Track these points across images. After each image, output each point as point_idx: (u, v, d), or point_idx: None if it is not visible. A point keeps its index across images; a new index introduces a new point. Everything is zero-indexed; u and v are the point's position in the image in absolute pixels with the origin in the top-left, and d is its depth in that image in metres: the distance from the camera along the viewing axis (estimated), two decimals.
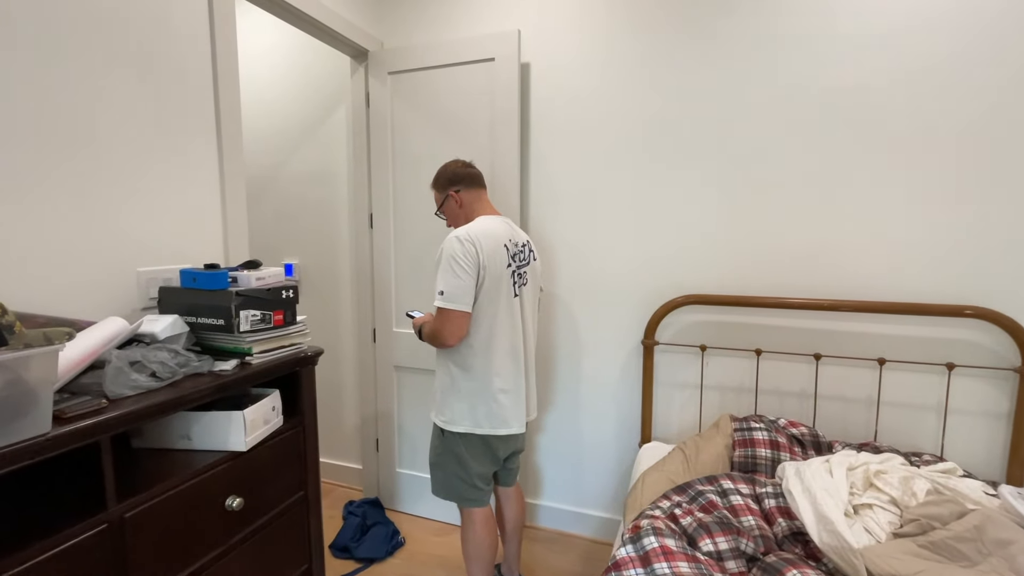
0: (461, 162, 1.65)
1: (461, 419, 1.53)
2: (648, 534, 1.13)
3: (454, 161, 1.66)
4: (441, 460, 1.59)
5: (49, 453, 0.79)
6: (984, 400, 1.63)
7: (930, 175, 1.61)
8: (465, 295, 1.43)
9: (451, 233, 1.48)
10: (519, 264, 1.57)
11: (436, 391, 1.60)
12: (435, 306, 1.46)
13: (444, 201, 1.64)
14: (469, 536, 1.61)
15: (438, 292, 1.44)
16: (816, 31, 1.68)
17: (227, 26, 1.48)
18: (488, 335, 1.50)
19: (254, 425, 1.16)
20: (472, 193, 1.62)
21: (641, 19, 1.87)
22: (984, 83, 1.54)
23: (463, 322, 1.45)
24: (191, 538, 1.03)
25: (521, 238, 1.62)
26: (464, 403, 1.52)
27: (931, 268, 1.64)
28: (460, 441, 1.54)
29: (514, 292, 1.54)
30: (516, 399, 1.56)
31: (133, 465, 1.05)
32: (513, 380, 1.55)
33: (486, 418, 1.52)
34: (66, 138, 1.12)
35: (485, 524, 1.61)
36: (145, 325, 1.11)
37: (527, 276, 1.60)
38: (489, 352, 1.50)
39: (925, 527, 1.11)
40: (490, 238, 1.48)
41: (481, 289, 1.47)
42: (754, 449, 1.55)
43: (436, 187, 1.66)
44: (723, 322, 1.88)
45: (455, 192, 1.61)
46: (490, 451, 1.56)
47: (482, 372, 1.51)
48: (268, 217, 2.58)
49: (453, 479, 1.58)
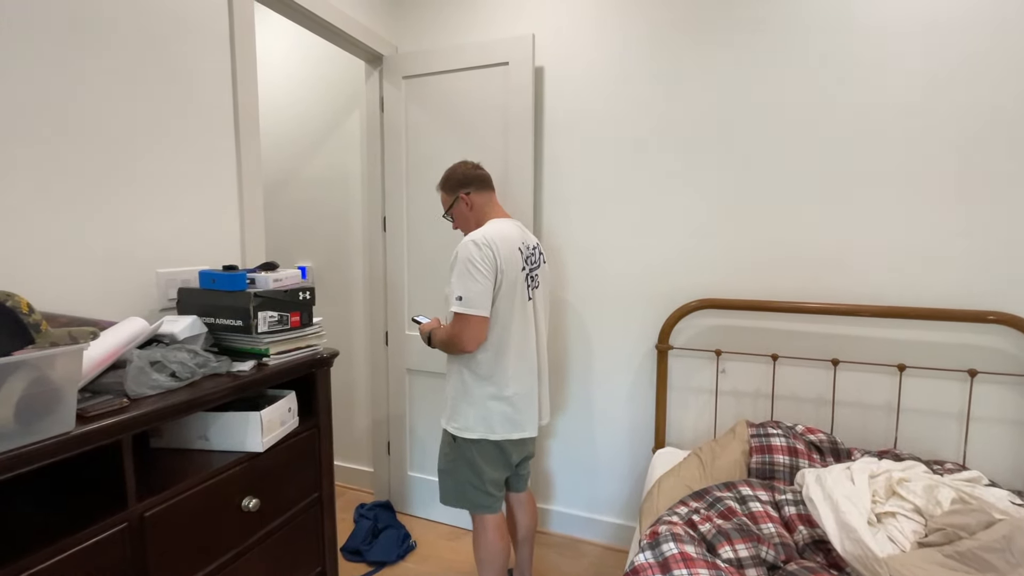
0: (471, 163, 1.63)
1: (475, 425, 1.50)
2: (667, 540, 1.11)
3: (463, 163, 1.63)
4: (452, 467, 1.56)
5: (72, 451, 0.79)
6: (1008, 407, 1.59)
7: (949, 178, 1.59)
8: (484, 300, 1.42)
9: (467, 237, 1.46)
10: (532, 267, 1.56)
11: (448, 397, 1.56)
12: (452, 311, 1.43)
13: (453, 203, 1.60)
14: (481, 543, 1.59)
15: (455, 297, 1.41)
16: (831, 39, 1.66)
17: (246, 31, 1.49)
18: (502, 339, 1.48)
19: (271, 426, 1.16)
20: (483, 195, 1.60)
21: (654, 23, 1.87)
22: (1000, 84, 1.52)
23: (483, 327, 1.44)
24: (208, 538, 1.04)
25: (532, 241, 1.61)
26: (478, 409, 1.50)
27: (952, 272, 1.61)
28: (473, 447, 1.52)
29: (528, 295, 1.53)
30: (530, 403, 1.54)
31: (152, 465, 1.06)
32: (527, 384, 1.53)
33: (500, 423, 1.50)
34: (88, 140, 1.14)
35: (497, 530, 1.59)
36: (165, 325, 1.11)
37: (539, 279, 1.60)
38: (503, 356, 1.49)
39: (951, 536, 1.08)
40: (506, 241, 1.47)
41: (498, 293, 1.45)
42: (772, 455, 1.52)
43: (445, 189, 1.62)
44: (738, 327, 1.86)
45: (465, 195, 1.58)
46: (504, 456, 1.55)
47: (497, 377, 1.49)
48: (283, 220, 2.60)
49: (465, 486, 1.55)
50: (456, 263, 1.43)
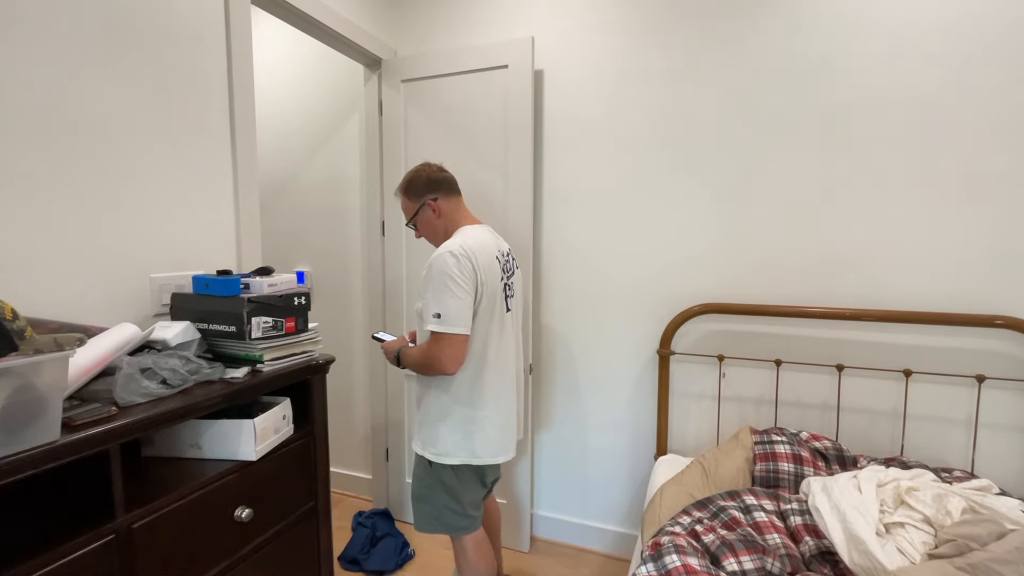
0: (435, 166, 1.51)
1: (455, 450, 1.39)
2: (670, 552, 1.09)
3: (426, 165, 1.51)
4: (428, 493, 1.46)
5: (57, 461, 0.77)
6: (1017, 414, 1.56)
7: (955, 179, 1.57)
8: (465, 316, 1.31)
9: (442, 247, 1.34)
10: (508, 276, 1.48)
11: (420, 421, 1.46)
12: (429, 330, 1.32)
13: (419, 211, 1.48)
14: (464, 564, 1.52)
15: (433, 315, 1.30)
16: (832, 39, 1.65)
17: (243, 34, 1.48)
18: (482, 357, 1.38)
19: (264, 434, 1.14)
20: (451, 201, 1.49)
21: (655, 26, 1.85)
22: (1006, 84, 1.50)
23: (464, 346, 1.32)
24: (199, 549, 1.01)
25: (505, 247, 1.53)
26: (458, 433, 1.39)
27: (958, 276, 1.58)
28: (452, 473, 1.42)
29: (507, 306, 1.45)
30: (510, 424, 1.47)
31: (142, 474, 1.03)
32: (508, 403, 1.45)
33: (483, 447, 1.40)
34: (80, 142, 1.12)
35: (479, 547, 1.52)
36: (157, 331, 1.09)
37: (515, 287, 1.52)
38: (483, 376, 1.39)
39: (962, 548, 1.05)
40: (484, 251, 1.37)
41: (478, 308, 1.35)
42: (776, 463, 1.50)
43: (408, 195, 1.49)
44: (741, 332, 1.83)
45: (432, 200, 1.46)
46: (481, 479, 1.48)
47: (477, 398, 1.39)
48: (280, 225, 2.58)
49: (444, 512, 1.45)
50: (431, 277, 1.32)
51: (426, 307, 1.33)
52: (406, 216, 1.53)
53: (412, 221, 1.52)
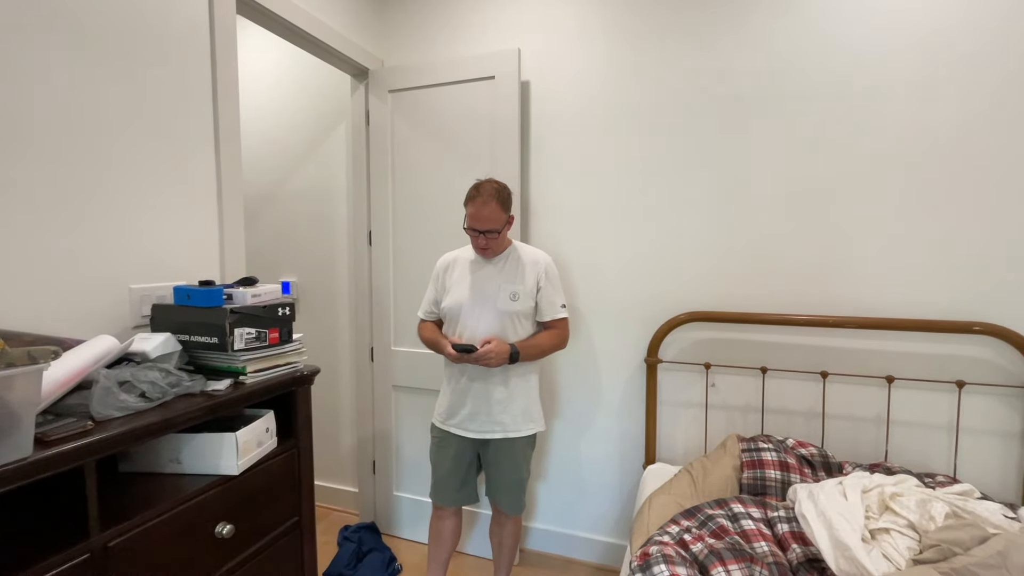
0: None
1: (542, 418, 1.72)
2: (658, 562, 1.08)
3: (496, 180, 1.61)
4: (529, 473, 1.72)
5: (29, 478, 0.75)
6: (996, 419, 1.59)
7: (937, 189, 1.60)
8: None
9: (542, 255, 1.67)
10: None
11: (519, 405, 1.63)
12: (560, 317, 1.66)
13: (507, 222, 1.60)
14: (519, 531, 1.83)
15: (560, 305, 1.66)
16: (821, 42, 1.69)
17: (228, 43, 1.47)
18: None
19: (247, 448, 1.11)
20: None
21: (638, 35, 1.88)
22: (990, 94, 1.54)
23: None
24: (179, 567, 0.98)
25: None
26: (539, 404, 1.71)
27: (939, 284, 1.62)
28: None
29: None
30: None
31: (119, 490, 1.00)
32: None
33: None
34: (57, 150, 1.10)
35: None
36: (136, 343, 1.07)
37: None
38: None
39: (946, 553, 1.06)
40: None
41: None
42: (763, 471, 1.50)
43: (504, 205, 1.55)
44: (728, 339, 1.85)
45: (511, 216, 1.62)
46: None
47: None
48: (267, 234, 2.55)
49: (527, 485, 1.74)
50: (551, 276, 1.65)
51: (552, 300, 1.65)
52: (494, 224, 1.54)
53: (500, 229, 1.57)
